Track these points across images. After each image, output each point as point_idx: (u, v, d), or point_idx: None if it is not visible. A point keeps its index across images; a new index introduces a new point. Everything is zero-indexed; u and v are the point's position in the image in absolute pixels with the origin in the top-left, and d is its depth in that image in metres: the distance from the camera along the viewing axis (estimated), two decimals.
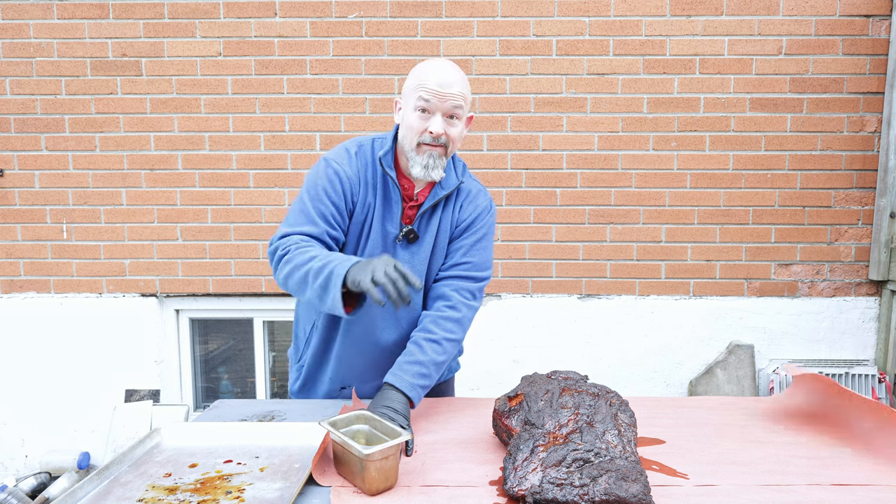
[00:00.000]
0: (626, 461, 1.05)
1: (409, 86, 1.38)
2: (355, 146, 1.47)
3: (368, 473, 1.05)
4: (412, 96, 1.37)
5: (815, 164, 2.91)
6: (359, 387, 1.58)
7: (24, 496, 2.76)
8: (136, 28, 2.90)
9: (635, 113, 2.91)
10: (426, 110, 1.36)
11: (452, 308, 1.44)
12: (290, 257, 1.30)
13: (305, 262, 1.27)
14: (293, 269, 1.28)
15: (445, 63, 1.39)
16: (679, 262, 2.98)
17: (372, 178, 1.44)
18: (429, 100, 1.34)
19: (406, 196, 1.46)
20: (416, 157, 1.38)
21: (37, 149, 2.98)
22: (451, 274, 1.49)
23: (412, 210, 1.46)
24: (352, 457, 1.08)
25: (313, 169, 1.45)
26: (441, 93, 1.34)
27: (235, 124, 2.96)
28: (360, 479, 1.07)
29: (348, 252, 1.47)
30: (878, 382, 2.89)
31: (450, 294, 1.46)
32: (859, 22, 2.82)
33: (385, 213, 1.45)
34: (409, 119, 1.38)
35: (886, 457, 1.16)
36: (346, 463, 1.11)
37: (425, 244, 1.47)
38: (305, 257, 1.28)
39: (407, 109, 1.39)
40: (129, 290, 3.06)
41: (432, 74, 1.35)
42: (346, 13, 2.89)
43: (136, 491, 1.08)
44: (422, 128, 1.36)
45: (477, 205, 1.51)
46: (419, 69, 1.38)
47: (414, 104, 1.36)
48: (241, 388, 3.29)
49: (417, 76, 1.37)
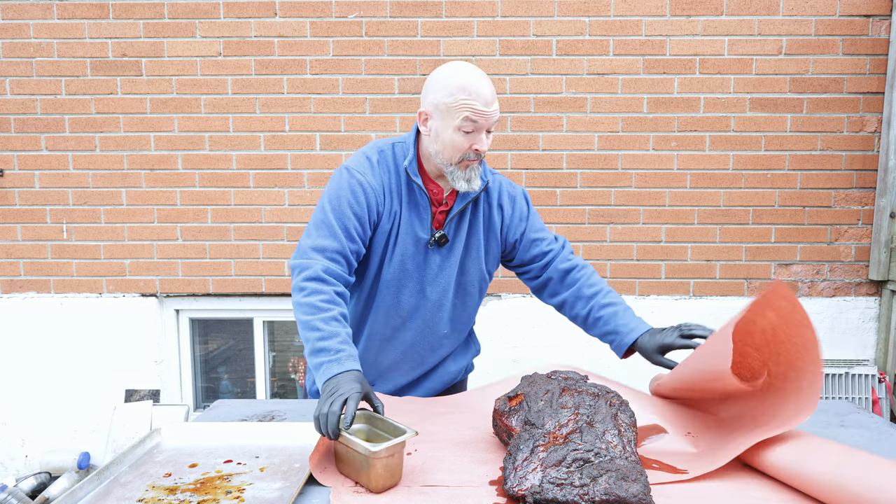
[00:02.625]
0: (626, 461, 1.05)
1: (448, 103, 1.32)
2: (376, 153, 1.45)
3: (375, 471, 1.05)
4: (455, 115, 1.32)
5: (815, 164, 2.91)
6: (379, 385, 1.59)
7: (24, 496, 2.76)
8: (136, 28, 2.91)
9: (635, 113, 2.91)
10: (472, 131, 1.34)
11: (577, 269, 1.55)
12: (305, 299, 1.29)
13: (310, 325, 1.26)
14: (300, 313, 1.29)
15: (482, 78, 1.33)
16: (679, 262, 2.98)
17: (396, 185, 1.43)
18: (477, 121, 1.32)
19: (435, 201, 1.45)
20: (458, 173, 1.37)
21: (37, 149, 2.98)
22: (544, 250, 1.55)
23: (441, 214, 1.46)
24: (356, 455, 1.08)
25: (335, 178, 1.42)
26: (488, 112, 1.32)
27: (235, 124, 2.96)
28: (366, 476, 1.07)
29: (375, 259, 1.46)
30: (878, 382, 2.89)
31: (566, 264, 1.55)
32: (859, 22, 2.82)
33: (414, 219, 1.44)
34: (449, 137, 1.34)
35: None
36: (349, 461, 1.11)
37: (456, 247, 1.48)
38: (312, 320, 1.26)
39: (445, 126, 1.34)
40: (129, 290, 3.06)
41: (476, 93, 1.31)
42: (346, 13, 2.89)
43: (136, 491, 1.08)
44: (467, 146, 1.34)
45: (514, 197, 1.56)
46: (458, 86, 1.31)
47: (457, 124, 1.32)
48: (241, 388, 3.29)
49: (458, 94, 1.31)
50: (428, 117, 1.38)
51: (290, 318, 3.22)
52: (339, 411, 1.09)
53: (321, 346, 1.23)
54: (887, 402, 2.90)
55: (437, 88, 1.34)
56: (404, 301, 1.49)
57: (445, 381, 1.67)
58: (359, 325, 1.54)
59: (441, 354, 1.61)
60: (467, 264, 1.52)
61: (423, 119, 1.39)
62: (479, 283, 1.56)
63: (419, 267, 1.47)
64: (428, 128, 1.38)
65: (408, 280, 1.47)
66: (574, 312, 1.56)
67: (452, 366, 1.66)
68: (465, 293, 1.55)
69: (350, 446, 1.08)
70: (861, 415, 1.46)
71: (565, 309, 1.59)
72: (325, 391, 1.16)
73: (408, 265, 1.46)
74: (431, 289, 1.49)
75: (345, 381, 1.16)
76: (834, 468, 1.00)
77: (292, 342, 3.32)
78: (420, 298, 1.49)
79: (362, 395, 1.15)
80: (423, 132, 1.40)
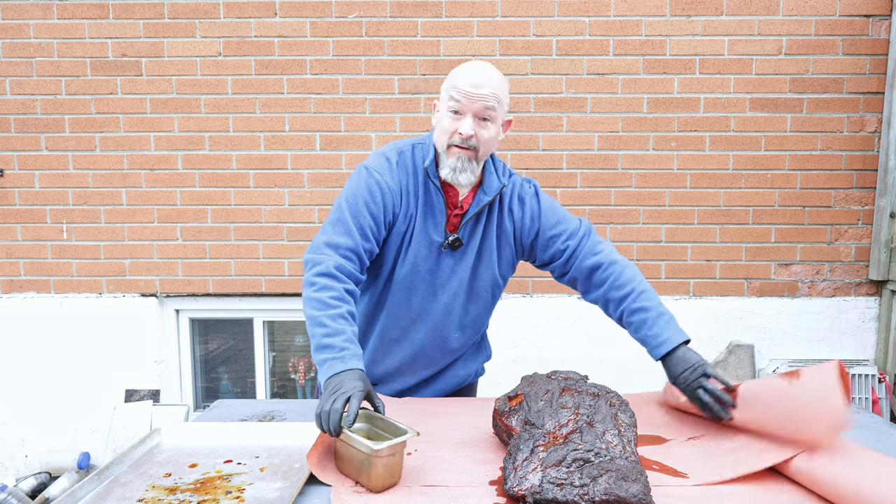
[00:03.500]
0: (626, 461, 1.05)
1: (445, 87, 1.38)
2: (395, 154, 1.45)
3: (375, 470, 1.05)
4: (445, 97, 1.38)
5: (815, 164, 2.91)
6: (388, 385, 1.59)
7: (24, 496, 2.76)
8: (136, 28, 2.90)
9: (635, 113, 2.91)
10: (458, 112, 1.35)
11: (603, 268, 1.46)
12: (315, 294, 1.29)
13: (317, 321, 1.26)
14: (309, 308, 1.29)
15: (481, 64, 1.38)
16: (679, 262, 2.98)
17: (413, 187, 1.43)
18: (459, 100, 1.34)
19: (451, 203, 1.45)
20: (446, 160, 1.39)
21: (37, 149, 2.98)
22: (561, 248, 1.49)
23: (457, 218, 1.45)
24: (357, 453, 1.07)
25: (353, 177, 1.43)
26: (472, 93, 1.33)
27: (235, 124, 2.96)
28: (366, 475, 1.07)
29: (388, 260, 1.46)
30: (878, 382, 2.89)
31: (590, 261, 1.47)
32: (859, 22, 2.82)
33: (428, 221, 1.44)
34: (442, 120, 1.39)
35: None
36: (349, 460, 1.11)
37: (469, 251, 1.47)
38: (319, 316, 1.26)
39: (441, 112, 1.40)
40: (129, 290, 3.06)
41: (465, 75, 1.35)
42: (346, 13, 2.89)
43: (136, 491, 1.08)
44: (452, 129, 1.36)
45: (523, 198, 1.51)
46: (455, 70, 1.39)
47: (447, 105, 1.37)
48: (241, 388, 3.29)
49: (451, 77, 1.38)
50: (435, 106, 1.44)
51: (289, 318, 3.22)
52: (342, 409, 1.09)
53: (326, 343, 1.23)
54: (887, 402, 2.90)
55: (446, 79, 1.41)
56: (415, 303, 1.48)
57: (454, 385, 1.67)
58: (369, 325, 1.54)
59: (450, 357, 1.61)
60: (479, 269, 1.50)
61: (434, 110, 1.45)
62: (492, 287, 1.54)
63: (431, 269, 1.47)
64: (435, 117, 1.44)
65: (419, 282, 1.47)
66: (609, 313, 1.52)
67: (462, 370, 1.66)
68: (477, 297, 1.53)
69: (351, 444, 1.08)
70: (861, 415, 1.46)
71: (603, 309, 1.53)
72: (328, 388, 1.16)
73: (420, 267, 1.46)
74: (442, 292, 1.48)
75: (348, 380, 1.16)
76: (845, 467, 1.00)
77: (292, 342, 3.32)
78: (431, 301, 1.49)
79: (365, 393, 1.15)
80: (433, 122, 1.45)
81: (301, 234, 3.01)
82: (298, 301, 3.10)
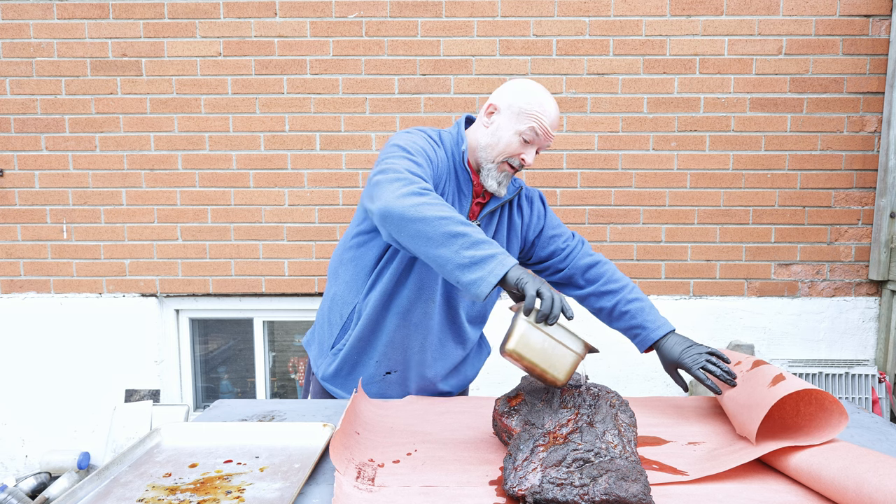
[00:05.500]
0: (626, 461, 1.05)
1: (523, 109, 1.40)
2: (434, 132, 1.48)
3: (572, 368, 1.14)
4: (522, 121, 1.40)
5: (815, 164, 2.91)
6: (403, 372, 1.58)
7: (24, 496, 2.76)
8: (136, 28, 2.91)
9: (635, 113, 2.91)
10: (530, 142, 1.41)
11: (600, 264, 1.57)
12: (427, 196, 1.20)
13: (455, 219, 1.17)
14: (431, 208, 1.18)
15: (557, 107, 1.44)
16: (679, 262, 2.98)
17: (448, 167, 1.46)
18: (539, 135, 1.41)
19: (476, 192, 1.50)
20: (494, 172, 1.44)
21: (37, 149, 2.98)
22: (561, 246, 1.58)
23: (477, 206, 1.51)
24: (560, 348, 1.13)
25: (405, 134, 1.41)
26: (550, 135, 1.42)
27: (235, 124, 2.96)
28: (560, 369, 1.13)
29: None
30: (878, 382, 2.89)
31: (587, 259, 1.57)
32: (859, 22, 2.82)
33: (455, 203, 1.47)
34: (508, 136, 1.41)
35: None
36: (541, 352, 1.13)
37: None
38: (454, 214, 1.17)
39: (508, 125, 1.41)
40: (129, 290, 3.06)
41: (552, 112, 1.41)
42: (346, 13, 2.89)
43: (136, 491, 1.08)
44: (517, 152, 1.42)
45: (531, 198, 1.61)
46: (538, 99, 1.41)
47: (520, 129, 1.40)
48: (241, 388, 3.29)
49: (535, 107, 1.40)
50: (496, 111, 1.45)
51: (289, 318, 3.22)
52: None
53: (481, 238, 1.17)
54: (887, 402, 2.90)
55: (518, 92, 1.42)
56: (429, 283, 1.49)
57: (462, 385, 1.71)
58: (388, 302, 1.51)
59: (462, 351, 1.64)
60: None
61: (489, 111, 1.45)
62: None
63: None
64: (491, 120, 1.45)
65: None
66: (599, 305, 1.56)
67: (471, 370, 1.71)
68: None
69: (556, 338, 1.13)
70: (861, 415, 1.46)
71: (589, 301, 1.59)
72: (527, 274, 1.14)
73: None
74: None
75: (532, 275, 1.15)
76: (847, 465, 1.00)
77: (292, 342, 3.32)
78: (446, 283, 1.51)
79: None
80: (482, 122, 1.46)
81: (301, 234, 3.01)
82: (298, 301, 3.10)
